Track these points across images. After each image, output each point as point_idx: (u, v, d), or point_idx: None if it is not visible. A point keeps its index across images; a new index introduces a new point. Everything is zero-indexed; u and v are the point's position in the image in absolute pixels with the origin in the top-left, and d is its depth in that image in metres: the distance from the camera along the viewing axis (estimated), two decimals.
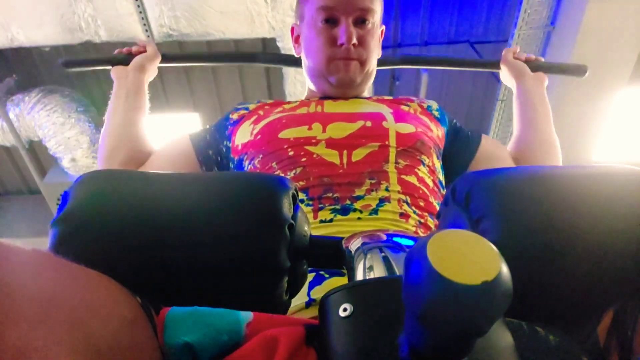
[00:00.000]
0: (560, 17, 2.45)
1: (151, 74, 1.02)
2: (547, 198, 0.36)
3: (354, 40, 0.83)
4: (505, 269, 0.22)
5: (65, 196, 0.39)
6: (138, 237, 0.36)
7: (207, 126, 0.92)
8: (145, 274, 0.36)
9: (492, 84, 2.95)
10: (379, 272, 0.37)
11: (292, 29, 0.99)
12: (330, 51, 0.86)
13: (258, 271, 0.37)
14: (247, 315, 0.33)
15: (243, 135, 0.82)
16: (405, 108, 0.87)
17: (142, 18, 2.20)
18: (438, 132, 0.86)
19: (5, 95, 2.68)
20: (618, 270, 0.34)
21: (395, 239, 0.42)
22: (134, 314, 0.29)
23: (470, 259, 0.21)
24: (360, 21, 0.86)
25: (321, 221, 0.66)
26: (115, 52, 1.02)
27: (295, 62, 1.07)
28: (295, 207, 0.43)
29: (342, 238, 0.45)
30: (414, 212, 0.69)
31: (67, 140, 2.71)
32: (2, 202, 3.62)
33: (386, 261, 0.38)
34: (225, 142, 0.86)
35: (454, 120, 0.94)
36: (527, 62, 1.05)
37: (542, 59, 1.07)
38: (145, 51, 1.02)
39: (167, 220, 0.37)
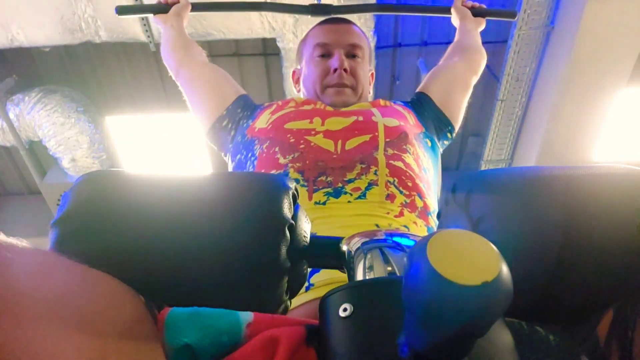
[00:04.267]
0: (559, 17, 2.45)
1: (186, 19, 1.24)
2: (547, 198, 0.36)
3: (346, 66, 0.97)
4: (505, 269, 0.21)
5: (65, 197, 0.39)
6: (138, 238, 0.36)
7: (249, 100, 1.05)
8: (145, 275, 0.36)
9: (492, 84, 2.95)
10: (379, 272, 0.37)
11: (294, 72, 1.13)
12: (325, 79, 0.99)
13: (258, 271, 0.37)
14: (248, 316, 0.33)
15: (263, 121, 0.92)
16: (382, 103, 0.99)
17: (142, 18, 2.20)
18: (410, 118, 0.95)
19: (5, 95, 2.68)
20: (618, 270, 0.34)
21: (395, 238, 0.42)
22: (138, 313, 0.29)
23: (470, 259, 0.21)
24: (351, 55, 1.00)
25: (316, 203, 0.73)
26: (156, 1, 1.25)
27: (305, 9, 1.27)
28: (296, 207, 0.43)
29: (342, 238, 0.45)
30: (401, 192, 0.76)
31: (67, 140, 2.71)
32: (2, 202, 3.62)
33: (386, 261, 0.38)
34: (248, 121, 0.96)
35: (407, 100, 1.07)
36: (471, 8, 1.28)
37: (484, 6, 1.31)
38: (178, 1, 1.24)
39: (166, 221, 0.37)
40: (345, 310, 0.30)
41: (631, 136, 2.82)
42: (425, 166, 0.88)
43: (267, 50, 2.89)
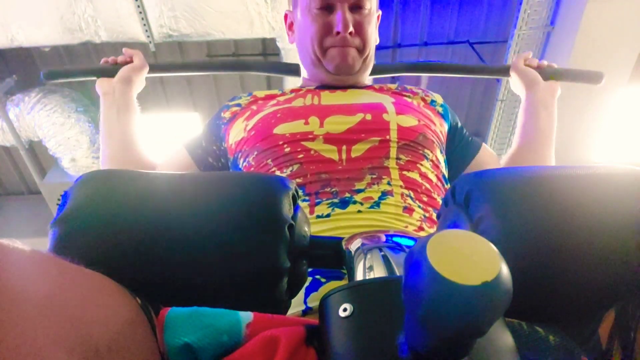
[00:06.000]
0: (559, 17, 2.46)
1: (139, 85, 0.94)
2: (547, 198, 0.36)
3: (351, 28, 0.81)
4: (505, 269, 0.22)
5: (65, 196, 0.39)
6: (138, 238, 0.36)
7: (201, 130, 0.89)
8: (145, 275, 0.36)
9: (492, 84, 2.95)
10: (379, 272, 0.37)
11: (286, 15, 0.95)
12: (326, 39, 0.83)
13: (258, 271, 0.37)
14: (247, 316, 0.33)
15: (237, 133, 0.80)
16: (408, 99, 0.84)
17: (142, 18, 2.20)
18: (441, 127, 0.83)
19: (5, 95, 2.68)
20: (619, 270, 0.34)
21: (395, 239, 0.42)
22: (133, 314, 0.29)
23: (470, 259, 0.21)
24: (357, 7, 0.83)
25: (318, 216, 0.63)
26: (102, 61, 0.95)
27: (293, 70, 1.03)
28: (295, 208, 0.43)
29: (342, 238, 0.45)
30: (419, 207, 0.66)
31: (67, 140, 2.72)
32: (2, 202, 3.63)
33: (386, 261, 0.38)
34: (222, 144, 0.84)
35: (457, 121, 0.91)
36: (539, 69, 0.96)
37: (555, 65, 0.97)
38: (132, 61, 0.94)
39: (166, 221, 0.37)
40: (345, 310, 0.30)
41: (631, 136, 2.82)
42: (445, 172, 0.77)
43: (267, 50, 2.89)
